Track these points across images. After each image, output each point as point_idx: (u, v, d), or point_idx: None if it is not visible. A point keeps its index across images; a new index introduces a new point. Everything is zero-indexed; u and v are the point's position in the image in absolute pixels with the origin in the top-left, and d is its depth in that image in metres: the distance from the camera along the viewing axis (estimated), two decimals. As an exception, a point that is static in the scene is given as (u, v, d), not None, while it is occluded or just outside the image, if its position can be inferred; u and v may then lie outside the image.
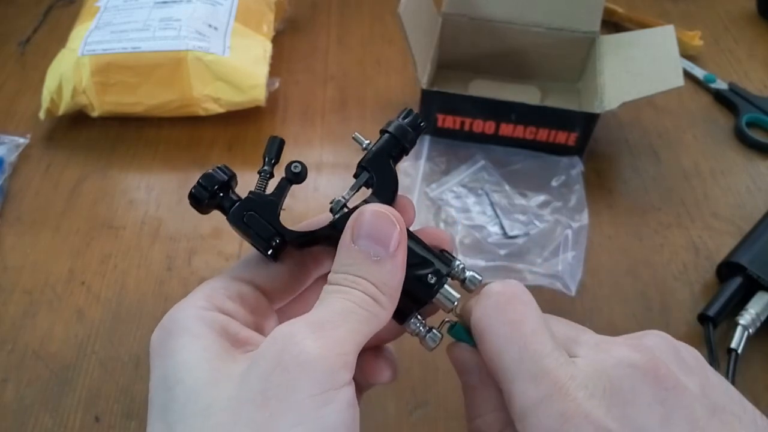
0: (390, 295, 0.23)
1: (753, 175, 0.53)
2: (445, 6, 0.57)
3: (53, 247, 0.46)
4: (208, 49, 0.53)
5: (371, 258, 0.22)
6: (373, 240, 0.23)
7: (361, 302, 0.22)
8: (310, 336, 0.20)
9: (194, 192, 0.25)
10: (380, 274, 0.22)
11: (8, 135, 0.53)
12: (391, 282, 0.23)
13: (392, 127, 0.27)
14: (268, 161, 0.27)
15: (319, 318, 0.21)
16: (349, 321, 0.21)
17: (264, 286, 0.25)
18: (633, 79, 0.50)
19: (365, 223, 0.23)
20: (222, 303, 0.24)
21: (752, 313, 0.41)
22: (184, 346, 0.22)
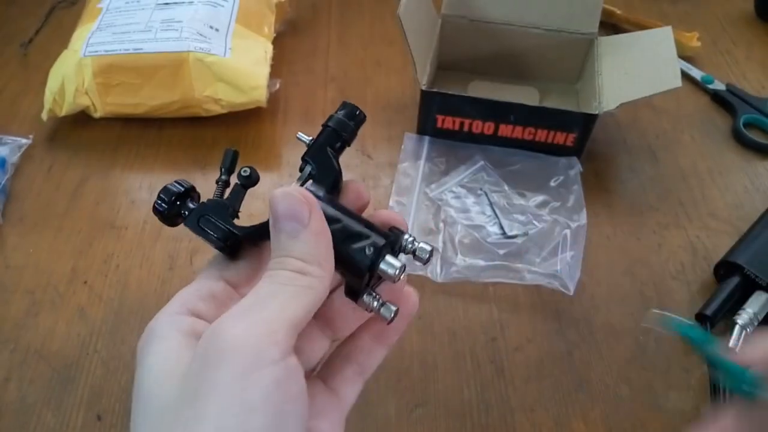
0: (319, 263, 0.23)
1: (750, 176, 0.54)
2: (444, 7, 0.57)
3: (56, 247, 0.47)
4: (210, 51, 0.53)
5: (290, 235, 0.24)
6: (286, 218, 0.24)
7: (287, 279, 0.23)
8: (232, 324, 0.21)
9: (155, 205, 0.27)
10: (302, 247, 0.23)
11: (11, 136, 0.54)
12: (315, 250, 0.24)
13: (331, 120, 0.28)
14: (223, 171, 0.29)
15: (243, 306, 0.22)
16: (277, 300, 0.22)
17: (233, 280, 0.27)
18: (631, 80, 0.50)
19: (277, 206, 0.24)
20: (194, 305, 0.25)
21: (750, 313, 0.42)
22: (152, 350, 0.23)
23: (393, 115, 0.58)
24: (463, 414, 0.39)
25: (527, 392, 0.40)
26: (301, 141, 0.28)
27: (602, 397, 0.40)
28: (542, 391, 0.40)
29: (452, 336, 0.42)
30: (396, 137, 0.55)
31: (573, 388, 0.40)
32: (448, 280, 0.45)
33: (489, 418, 0.38)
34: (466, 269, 0.45)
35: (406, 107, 0.58)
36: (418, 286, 0.44)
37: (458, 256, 0.46)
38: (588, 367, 0.41)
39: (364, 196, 0.28)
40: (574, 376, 0.40)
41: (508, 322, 0.43)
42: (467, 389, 0.40)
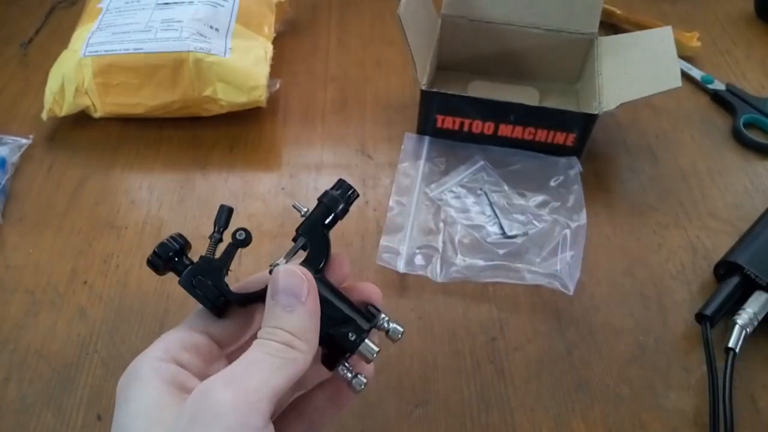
0: (306, 339, 0.26)
1: (750, 176, 0.54)
2: (444, 7, 0.57)
3: (55, 247, 0.47)
4: (210, 51, 0.53)
5: (285, 309, 0.26)
6: (285, 293, 0.26)
7: (276, 350, 0.25)
8: (223, 388, 0.23)
9: (150, 259, 0.29)
10: (294, 321, 0.26)
11: (11, 135, 0.54)
12: (306, 326, 0.26)
13: (326, 197, 0.30)
14: (217, 228, 0.31)
15: (233, 371, 0.24)
16: (263, 370, 0.24)
17: (216, 336, 0.29)
18: (631, 80, 0.50)
19: (278, 280, 0.27)
20: (178, 354, 0.26)
21: (750, 313, 0.42)
22: (135, 395, 0.24)
23: (393, 115, 0.58)
24: (463, 414, 0.39)
25: (527, 392, 0.40)
26: (296, 209, 0.30)
27: (602, 397, 0.40)
28: (542, 391, 0.40)
29: (452, 336, 0.42)
30: (396, 137, 0.55)
31: (573, 388, 0.40)
32: (448, 280, 0.45)
33: (489, 418, 0.38)
34: (466, 269, 0.45)
35: (406, 107, 0.58)
36: (418, 286, 0.45)
37: (458, 256, 0.46)
38: (588, 367, 0.41)
39: (346, 271, 0.31)
40: (574, 376, 0.40)
41: (508, 322, 0.43)
42: (467, 389, 0.40)
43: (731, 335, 0.41)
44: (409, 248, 0.46)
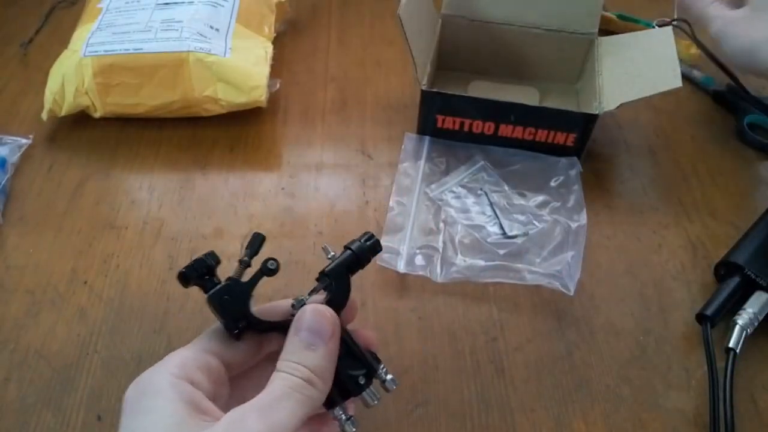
0: (324, 379, 0.27)
1: (751, 176, 0.54)
2: (444, 7, 0.57)
3: (56, 247, 0.47)
4: (210, 51, 0.53)
5: (309, 347, 0.28)
6: (311, 332, 0.28)
7: (297, 386, 0.26)
8: (256, 420, 0.24)
9: (184, 272, 0.29)
10: (316, 360, 0.27)
11: (11, 135, 0.54)
12: (325, 366, 0.28)
13: (355, 246, 0.32)
14: (248, 253, 0.31)
15: (264, 403, 0.26)
16: (289, 405, 0.26)
17: (227, 359, 0.30)
18: (631, 80, 0.50)
19: (306, 319, 0.28)
20: (192, 373, 0.27)
21: (750, 313, 0.41)
22: (155, 408, 0.25)
23: (393, 115, 0.58)
24: (463, 414, 0.39)
25: (527, 392, 0.40)
26: (324, 252, 0.32)
27: (602, 397, 0.40)
28: (542, 391, 0.40)
29: (452, 336, 0.42)
30: (396, 137, 0.55)
31: (573, 388, 0.40)
32: (448, 280, 0.45)
33: (489, 418, 0.38)
34: (466, 269, 0.45)
35: (406, 107, 0.58)
36: (418, 286, 0.45)
37: (458, 256, 0.46)
38: (588, 367, 0.41)
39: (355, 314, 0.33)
40: (574, 376, 0.40)
41: (508, 322, 0.43)
42: (467, 389, 0.40)
43: (731, 335, 0.41)
44: (409, 248, 0.46)
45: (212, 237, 0.48)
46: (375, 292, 0.44)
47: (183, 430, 0.24)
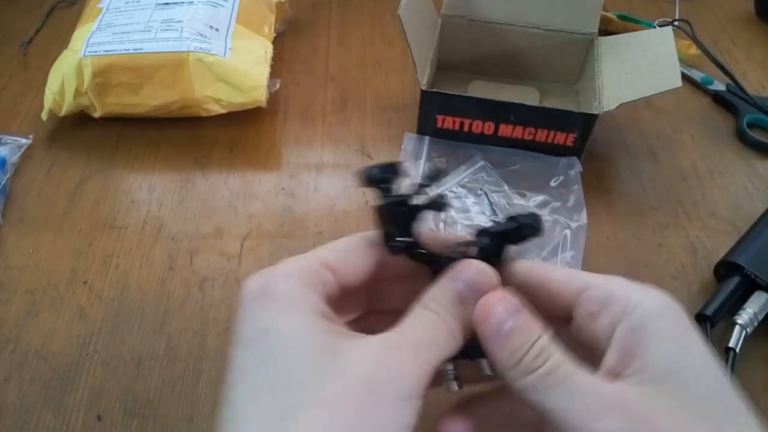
0: (464, 337, 0.25)
1: (751, 176, 0.54)
2: (444, 7, 0.57)
3: (55, 247, 0.47)
4: (210, 51, 0.53)
5: (463, 301, 0.25)
6: (470, 287, 0.26)
7: (446, 336, 0.25)
8: (411, 357, 0.23)
9: (376, 171, 0.27)
10: (463, 315, 0.25)
11: (11, 135, 0.54)
12: (468, 325, 0.25)
13: (522, 219, 0.29)
14: (427, 179, 0.29)
15: (415, 340, 0.24)
16: (435, 350, 0.24)
17: (342, 280, 0.27)
18: (631, 80, 0.50)
19: (470, 272, 0.26)
20: (318, 286, 0.25)
21: (750, 313, 0.41)
22: (288, 315, 0.23)
23: (393, 115, 0.58)
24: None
25: (527, 392, 0.40)
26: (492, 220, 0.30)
27: (602, 397, 0.39)
28: (542, 391, 0.40)
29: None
30: (396, 137, 0.55)
31: (573, 388, 0.40)
32: (448, 280, 0.45)
33: (489, 418, 0.38)
34: (466, 269, 0.45)
35: (406, 107, 0.58)
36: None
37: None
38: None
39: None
40: (574, 376, 0.40)
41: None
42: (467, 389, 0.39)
43: (731, 335, 0.41)
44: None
45: (212, 237, 0.48)
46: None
47: (325, 352, 0.22)
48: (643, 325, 0.24)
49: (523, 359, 0.24)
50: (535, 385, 0.23)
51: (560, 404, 0.23)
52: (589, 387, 0.23)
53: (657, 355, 0.23)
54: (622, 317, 0.25)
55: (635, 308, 0.25)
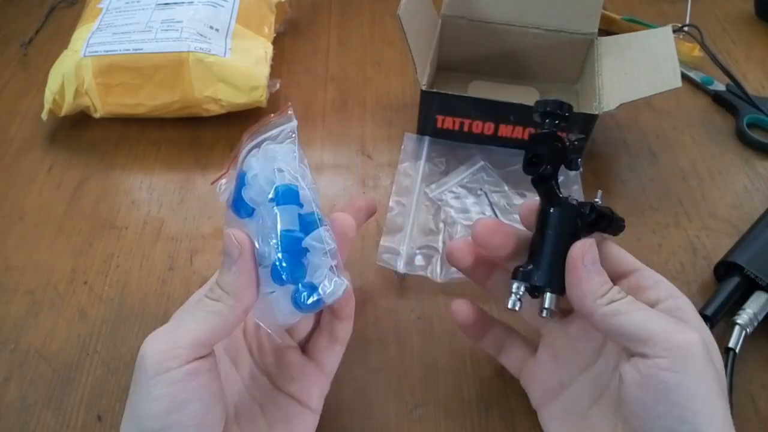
0: (235, 295, 0.29)
1: (750, 176, 0.54)
2: (444, 8, 0.57)
3: (56, 247, 0.47)
4: (210, 51, 0.53)
5: (224, 267, 0.30)
6: (224, 253, 0.30)
7: (203, 304, 0.29)
8: (153, 340, 0.28)
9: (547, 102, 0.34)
10: (227, 279, 0.29)
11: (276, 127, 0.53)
12: (237, 284, 0.29)
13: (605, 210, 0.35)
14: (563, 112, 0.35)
15: (169, 324, 0.30)
16: (187, 322, 0.29)
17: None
18: (631, 80, 0.50)
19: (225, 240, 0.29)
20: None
21: (750, 313, 0.41)
22: None
23: (393, 115, 0.58)
24: (463, 414, 0.39)
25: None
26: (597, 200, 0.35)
27: (602, 397, 0.40)
28: (542, 391, 0.40)
29: (452, 336, 0.42)
30: (396, 137, 0.55)
31: (573, 389, 0.40)
32: (448, 280, 0.45)
33: (489, 418, 0.38)
34: (466, 269, 0.45)
35: (406, 107, 0.58)
36: (418, 286, 0.45)
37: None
38: (588, 367, 0.41)
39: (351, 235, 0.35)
40: (574, 377, 0.40)
41: (509, 321, 0.43)
42: (467, 389, 0.40)
43: (731, 335, 0.41)
44: (409, 248, 0.46)
45: (212, 237, 0.48)
46: (375, 292, 0.44)
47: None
48: (684, 308, 0.31)
49: (610, 291, 0.30)
50: (620, 310, 0.29)
51: (646, 321, 0.29)
52: (668, 317, 0.29)
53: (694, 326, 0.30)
54: (666, 297, 0.31)
55: (679, 297, 0.32)
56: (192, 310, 0.29)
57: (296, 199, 0.30)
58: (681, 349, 0.27)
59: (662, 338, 0.28)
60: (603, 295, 0.30)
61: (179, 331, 0.28)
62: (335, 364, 0.35)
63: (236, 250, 0.29)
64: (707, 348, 0.28)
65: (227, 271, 0.29)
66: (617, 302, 0.30)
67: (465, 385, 0.40)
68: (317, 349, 0.35)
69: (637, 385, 0.28)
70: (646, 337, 0.28)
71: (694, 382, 0.27)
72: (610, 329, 0.30)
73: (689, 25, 0.65)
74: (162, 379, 0.27)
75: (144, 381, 0.27)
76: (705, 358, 0.28)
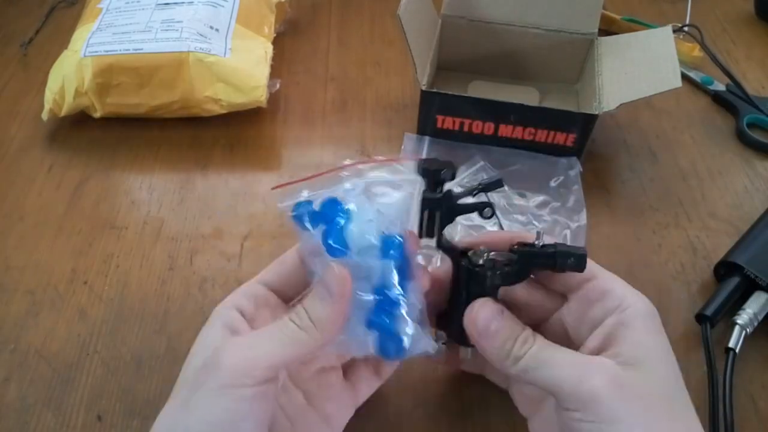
0: (322, 329, 0.29)
1: (750, 176, 0.54)
2: (444, 8, 0.57)
3: (56, 247, 0.47)
4: (210, 51, 0.53)
5: (318, 296, 0.29)
6: (321, 283, 0.29)
7: (288, 329, 0.29)
8: (234, 352, 0.28)
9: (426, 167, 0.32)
10: (319, 310, 0.29)
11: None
12: (327, 318, 0.29)
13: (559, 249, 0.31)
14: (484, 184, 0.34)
15: (251, 337, 0.29)
16: (269, 344, 0.28)
17: (274, 287, 0.33)
18: (631, 80, 0.50)
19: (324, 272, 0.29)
20: (240, 301, 0.32)
21: (750, 313, 0.41)
22: (203, 333, 0.31)
23: (393, 115, 0.58)
24: (463, 414, 0.39)
25: (527, 392, 0.40)
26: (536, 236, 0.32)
27: (602, 397, 0.39)
28: (542, 392, 0.40)
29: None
30: (396, 137, 0.55)
31: (573, 389, 0.40)
32: (448, 280, 0.45)
33: (489, 418, 0.38)
34: (466, 269, 0.45)
35: (406, 107, 0.58)
36: (418, 286, 0.44)
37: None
38: (588, 367, 0.41)
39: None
40: (574, 377, 0.40)
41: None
42: (467, 389, 0.40)
43: (731, 335, 0.41)
44: (409, 248, 0.46)
45: (212, 237, 0.48)
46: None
47: (217, 344, 0.29)
48: (629, 322, 0.29)
49: (513, 350, 0.29)
50: (527, 367, 0.29)
51: (552, 376, 0.28)
52: (576, 359, 0.29)
53: (633, 346, 0.28)
54: (613, 311, 0.30)
55: (627, 307, 0.30)
56: (275, 331, 0.29)
57: (401, 254, 0.30)
58: (586, 400, 0.27)
59: (569, 392, 0.27)
60: (507, 357, 0.30)
61: (258, 350, 0.28)
62: (368, 396, 0.36)
63: (337, 286, 0.29)
64: (621, 383, 0.27)
65: (320, 302, 0.29)
66: (523, 359, 0.29)
67: (465, 385, 0.40)
68: (358, 377, 0.35)
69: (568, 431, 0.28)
70: (557, 393, 0.28)
71: (612, 427, 0.26)
72: (528, 384, 0.30)
73: (689, 25, 0.65)
74: (234, 392, 0.27)
75: (216, 386, 0.27)
76: (616, 398, 0.26)
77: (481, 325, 0.30)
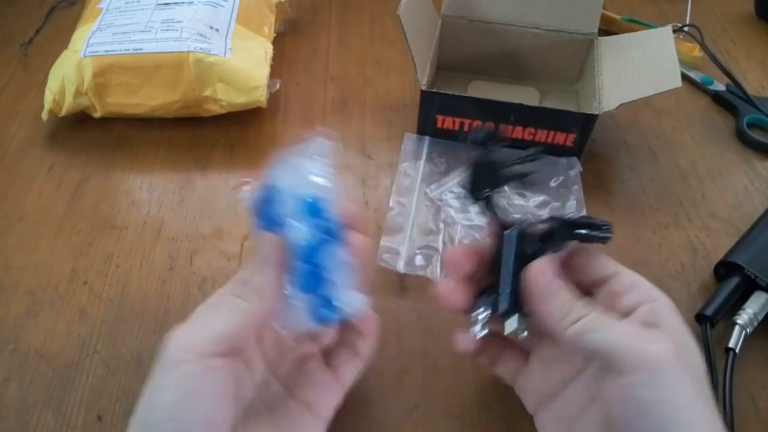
0: (259, 293, 0.30)
1: (750, 176, 0.54)
2: (444, 8, 0.57)
3: (56, 247, 0.47)
4: (210, 51, 0.53)
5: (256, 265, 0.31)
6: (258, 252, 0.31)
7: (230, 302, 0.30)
8: (178, 334, 0.28)
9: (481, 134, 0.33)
10: (256, 277, 0.30)
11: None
12: (263, 282, 0.30)
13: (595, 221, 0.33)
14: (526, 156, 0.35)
15: (194, 317, 0.30)
16: (212, 318, 0.29)
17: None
18: (631, 80, 0.50)
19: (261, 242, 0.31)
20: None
21: (750, 313, 0.41)
22: None
23: (393, 115, 0.58)
24: (463, 414, 0.39)
25: (527, 392, 0.40)
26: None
27: (602, 397, 0.40)
28: (542, 392, 0.40)
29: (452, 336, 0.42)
30: (396, 137, 0.55)
31: (573, 389, 0.40)
32: (448, 280, 0.45)
33: (489, 418, 0.38)
34: (466, 269, 0.45)
35: (406, 107, 0.58)
36: (418, 286, 0.45)
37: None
38: (588, 367, 0.41)
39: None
40: (574, 377, 0.40)
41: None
42: (467, 389, 0.40)
43: (731, 335, 0.41)
44: (409, 249, 0.46)
45: (212, 237, 0.48)
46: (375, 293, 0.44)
47: None
48: (659, 311, 0.30)
49: (573, 309, 0.30)
50: (584, 329, 0.29)
51: (612, 339, 0.28)
52: (635, 329, 0.29)
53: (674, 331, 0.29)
54: (643, 302, 0.30)
55: (656, 299, 0.31)
56: (216, 306, 0.30)
57: (319, 214, 0.31)
58: (650, 364, 0.27)
59: (630, 356, 0.27)
60: (565, 316, 0.30)
61: (201, 326, 0.29)
62: (353, 378, 0.35)
63: (269, 251, 0.30)
64: (679, 355, 0.27)
65: (257, 270, 0.30)
66: (582, 320, 0.29)
67: (465, 385, 0.40)
68: (338, 361, 0.35)
69: (616, 402, 0.28)
70: (615, 356, 0.28)
71: (669, 395, 0.27)
72: (580, 349, 0.30)
73: (689, 25, 0.65)
74: (177, 370, 0.27)
75: (159, 370, 0.27)
76: (677, 367, 0.27)
77: (544, 282, 0.31)
